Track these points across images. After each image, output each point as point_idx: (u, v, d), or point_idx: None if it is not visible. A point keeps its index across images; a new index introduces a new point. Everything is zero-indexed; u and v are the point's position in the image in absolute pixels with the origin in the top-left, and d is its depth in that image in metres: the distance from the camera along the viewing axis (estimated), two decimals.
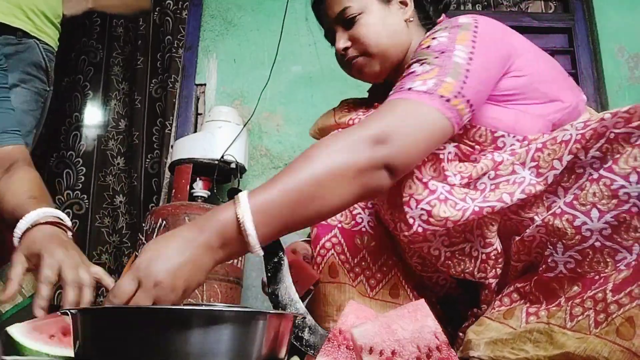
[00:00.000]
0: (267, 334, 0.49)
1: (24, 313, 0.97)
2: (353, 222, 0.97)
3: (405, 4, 0.97)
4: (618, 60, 2.26)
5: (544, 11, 2.42)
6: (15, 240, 0.90)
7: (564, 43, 2.35)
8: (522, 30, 2.31)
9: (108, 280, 0.85)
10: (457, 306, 0.91)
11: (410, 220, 0.79)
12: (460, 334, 0.85)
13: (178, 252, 0.63)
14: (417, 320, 0.53)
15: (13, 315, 0.97)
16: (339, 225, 0.96)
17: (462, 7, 2.43)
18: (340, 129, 1.00)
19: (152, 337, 0.46)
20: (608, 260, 0.67)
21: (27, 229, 0.90)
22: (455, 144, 0.85)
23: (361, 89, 1.14)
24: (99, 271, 0.84)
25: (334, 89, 2.22)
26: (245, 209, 0.65)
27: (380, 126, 0.74)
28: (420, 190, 0.79)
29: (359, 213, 0.98)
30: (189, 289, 0.63)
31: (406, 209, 0.79)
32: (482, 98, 0.82)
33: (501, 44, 0.85)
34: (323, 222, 0.99)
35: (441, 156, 0.82)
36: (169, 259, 0.62)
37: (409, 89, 0.78)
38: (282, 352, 0.53)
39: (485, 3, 2.43)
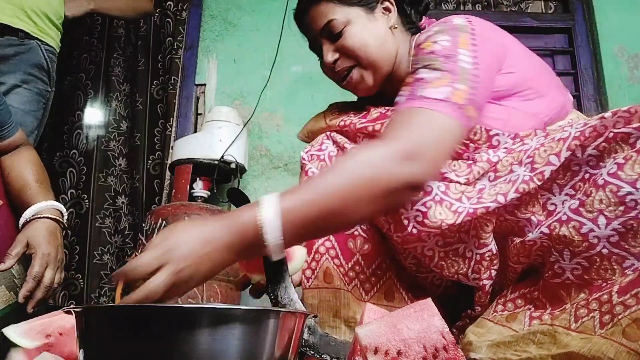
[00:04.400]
0: (280, 332, 0.49)
1: (17, 312, 0.98)
2: None
3: (389, 11, 0.97)
4: (618, 60, 2.26)
5: (544, 11, 2.42)
6: (21, 222, 1.05)
7: (564, 43, 2.35)
8: (522, 30, 2.32)
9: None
10: (456, 305, 0.91)
11: (405, 222, 0.78)
12: (454, 330, 0.84)
13: (201, 245, 0.64)
14: (424, 320, 0.53)
15: (6, 314, 0.97)
16: None
17: (462, 7, 2.42)
18: (329, 132, 1.00)
19: (161, 337, 0.46)
20: (615, 267, 0.66)
21: (32, 218, 1.05)
22: None
23: None
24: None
25: (334, 89, 2.19)
26: (267, 217, 0.65)
27: (407, 141, 0.73)
28: None
29: None
30: (197, 283, 0.65)
31: (401, 210, 0.79)
32: (486, 101, 0.82)
33: (496, 45, 0.85)
34: None
35: None
36: (193, 250, 0.63)
37: (423, 96, 0.77)
38: (293, 352, 0.53)
39: (485, 3, 2.43)
